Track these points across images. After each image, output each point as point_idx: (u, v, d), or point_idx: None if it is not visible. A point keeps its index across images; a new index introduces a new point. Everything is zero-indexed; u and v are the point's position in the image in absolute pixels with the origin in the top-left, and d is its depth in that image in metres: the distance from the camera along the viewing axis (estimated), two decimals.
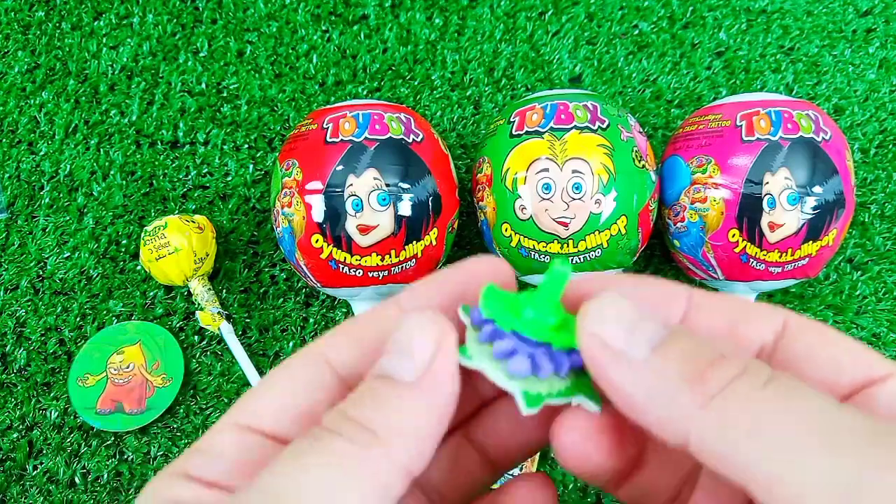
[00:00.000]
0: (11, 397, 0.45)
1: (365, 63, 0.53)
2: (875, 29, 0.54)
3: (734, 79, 0.53)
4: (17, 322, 0.47)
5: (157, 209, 0.49)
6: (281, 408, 0.15)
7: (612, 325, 0.14)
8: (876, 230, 0.49)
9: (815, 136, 0.38)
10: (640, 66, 0.53)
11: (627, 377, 0.14)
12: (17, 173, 0.50)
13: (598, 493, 0.43)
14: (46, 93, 0.52)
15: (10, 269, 0.48)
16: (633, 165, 0.39)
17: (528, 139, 0.39)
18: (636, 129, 0.41)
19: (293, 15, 0.54)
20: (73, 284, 0.48)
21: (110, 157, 0.51)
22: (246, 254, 0.48)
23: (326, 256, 0.39)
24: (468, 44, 0.53)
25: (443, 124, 0.52)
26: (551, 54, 0.53)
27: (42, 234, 0.49)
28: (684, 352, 0.13)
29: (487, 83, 0.53)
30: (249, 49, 0.53)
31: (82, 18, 0.54)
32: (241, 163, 0.50)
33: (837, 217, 0.38)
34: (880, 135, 0.51)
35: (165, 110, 0.52)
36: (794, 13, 0.54)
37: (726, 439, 0.12)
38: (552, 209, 0.38)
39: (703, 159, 0.40)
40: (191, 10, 0.54)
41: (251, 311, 0.47)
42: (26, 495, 0.43)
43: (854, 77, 0.53)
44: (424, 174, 0.40)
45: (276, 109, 0.52)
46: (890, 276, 0.48)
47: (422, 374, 0.14)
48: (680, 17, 0.54)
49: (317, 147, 0.39)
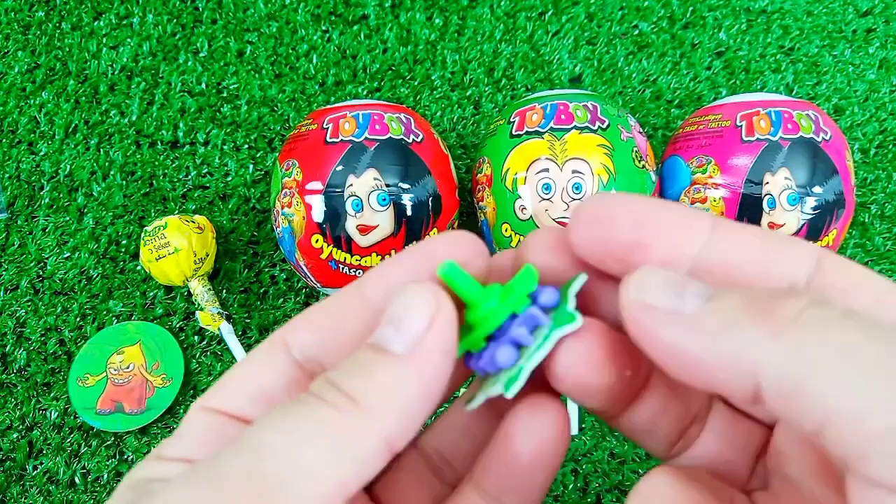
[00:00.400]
0: (11, 397, 0.45)
1: (365, 63, 0.53)
2: (875, 29, 0.54)
3: (734, 79, 0.53)
4: (17, 322, 0.47)
5: (157, 209, 0.49)
6: (241, 390, 0.16)
7: (657, 290, 0.13)
8: (876, 230, 0.49)
9: (815, 137, 0.38)
10: (640, 66, 0.53)
11: (681, 332, 0.13)
12: (17, 173, 0.50)
13: (598, 493, 0.43)
14: (46, 93, 0.52)
15: (10, 269, 0.48)
16: (633, 165, 0.39)
17: (528, 139, 0.39)
18: (636, 129, 0.41)
19: (293, 15, 0.54)
20: (73, 284, 0.48)
21: (110, 157, 0.51)
22: (246, 254, 0.48)
23: (326, 256, 0.39)
24: (468, 44, 0.53)
25: (443, 124, 0.52)
26: (551, 54, 0.53)
27: (42, 234, 0.49)
28: (742, 295, 0.12)
29: (487, 83, 0.53)
30: (249, 49, 0.53)
31: (82, 18, 0.54)
32: (241, 163, 0.50)
33: (837, 217, 0.38)
34: (880, 135, 0.51)
35: (165, 110, 0.52)
36: (794, 13, 0.54)
37: (806, 370, 0.11)
38: (552, 209, 0.38)
39: (703, 159, 0.40)
40: (191, 10, 0.54)
41: (251, 311, 0.47)
42: (26, 495, 0.43)
43: (854, 77, 0.53)
44: (424, 174, 0.40)
45: (276, 109, 0.52)
46: (890, 275, 0.48)
47: (412, 347, 0.14)
48: (680, 17, 0.54)
49: (317, 147, 0.39)
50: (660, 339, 0.13)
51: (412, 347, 0.14)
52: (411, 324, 0.14)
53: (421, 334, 0.14)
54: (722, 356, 0.12)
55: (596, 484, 0.43)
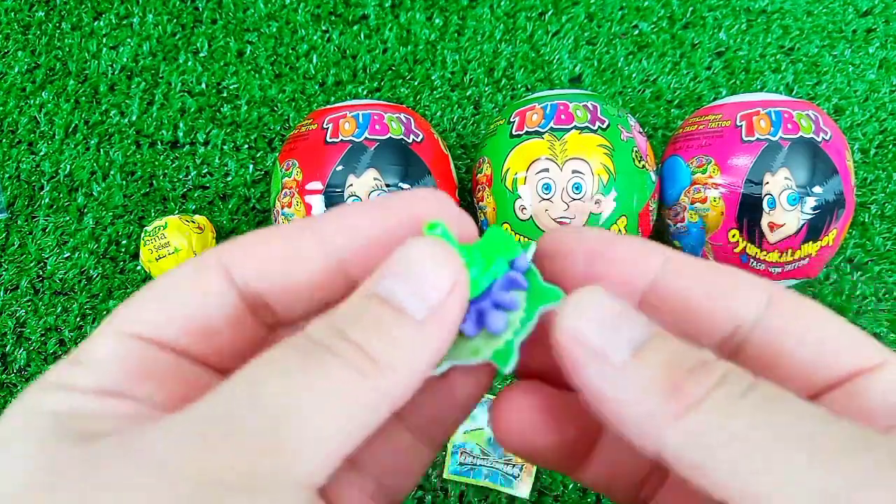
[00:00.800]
0: (11, 397, 0.45)
1: (365, 63, 0.53)
2: (875, 29, 0.54)
3: (734, 79, 0.53)
4: (17, 322, 0.47)
5: (157, 209, 0.49)
6: (166, 313, 0.13)
7: (592, 323, 0.13)
8: (876, 230, 0.49)
9: (815, 137, 0.38)
10: (640, 66, 0.53)
11: (605, 380, 0.13)
12: (17, 173, 0.50)
13: (598, 493, 0.43)
14: (46, 93, 0.52)
15: (10, 269, 0.48)
16: (633, 165, 0.39)
17: (528, 139, 0.39)
18: (636, 129, 0.41)
19: (293, 15, 0.54)
20: (73, 284, 0.48)
21: (110, 157, 0.51)
22: None
23: None
24: (468, 44, 0.53)
25: (443, 124, 0.52)
26: (551, 54, 0.53)
27: (42, 234, 0.49)
28: (664, 359, 0.13)
29: (487, 83, 0.53)
30: (249, 49, 0.53)
31: (82, 18, 0.54)
32: (241, 163, 0.50)
33: (837, 217, 0.38)
34: (880, 135, 0.51)
35: (165, 110, 0.52)
36: (794, 13, 0.54)
37: (702, 453, 0.11)
38: (552, 209, 0.38)
39: (703, 159, 0.40)
40: (191, 10, 0.54)
41: None
42: None
43: (854, 77, 0.53)
44: (424, 174, 0.40)
45: (276, 109, 0.52)
46: (890, 276, 0.48)
47: (433, 314, 0.13)
48: (680, 17, 0.54)
49: (317, 147, 0.39)
50: (587, 379, 0.13)
51: (433, 314, 0.13)
52: (434, 287, 0.13)
53: (443, 299, 0.13)
54: (633, 419, 0.12)
55: None
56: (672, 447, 0.12)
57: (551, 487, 0.43)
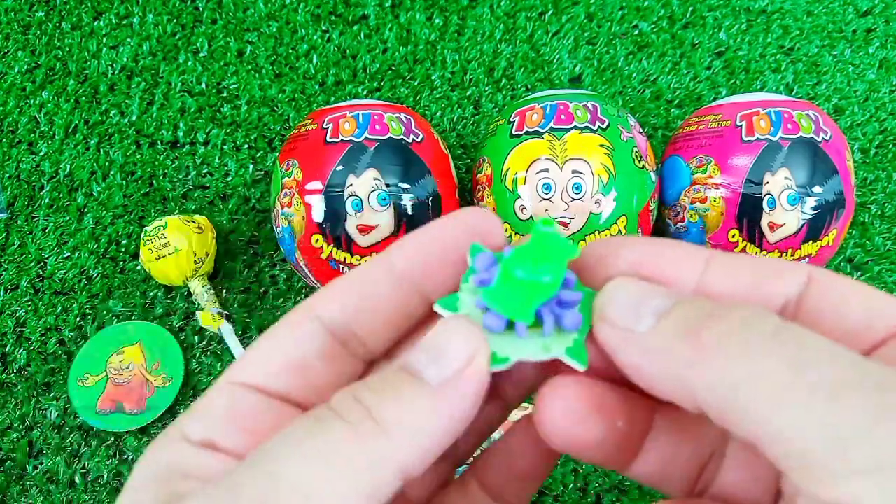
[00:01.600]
0: (11, 397, 0.45)
1: (365, 63, 0.53)
2: (875, 29, 0.54)
3: (734, 79, 0.53)
4: (17, 322, 0.47)
5: (157, 209, 0.49)
6: (272, 363, 0.15)
7: (620, 306, 0.14)
8: (876, 230, 0.49)
9: (815, 136, 0.38)
10: (640, 66, 0.53)
11: (636, 351, 0.14)
12: (17, 173, 0.50)
13: (598, 493, 0.43)
14: (46, 93, 0.52)
15: (10, 269, 0.48)
16: (633, 165, 0.39)
17: (528, 139, 0.39)
18: (636, 129, 0.41)
19: (293, 15, 0.54)
20: (73, 284, 0.48)
21: (110, 157, 0.51)
22: (246, 254, 0.48)
23: (326, 256, 0.39)
24: (468, 44, 0.53)
25: (443, 124, 0.52)
26: (551, 54, 0.53)
27: (42, 234, 0.49)
28: (685, 314, 0.13)
29: (487, 83, 0.53)
30: (249, 49, 0.53)
31: (82, 18, 0.54)
32: (241, 163, 0.50)
33: (837, 217, 0.38)
34: (880, 135, 0.51)
35: (165, 110, 0.52)
36: (794, 13, 0.54)
37: (727, 392, 0.12)
38: (552, 209, 0.38)
39: (703, 159, 0.40)
40: (191, 10, 0.54)
41: (251, 311, 0.47)
42: (26, 495, 0.43)
43: (854, 77, 0.53)
44: (424, 174, 0.40)
45: (276, 109, 0.52)
46: (890, 276, 0.48)
47: (448, 381, 0.13)
48: (680, 17, 0.54)
49: (317, 147, 0.39)
50: (621, 358, 0.14)
51: (448, 381, 0.13)
52: (451, 357, 0.14)
53: (459, 370, 0.14)
54: (666, 376, 0.13)
55: (596, 484, 0.43)
56: (701, 392, 0.12)
57: (551, 487, 0.43)
